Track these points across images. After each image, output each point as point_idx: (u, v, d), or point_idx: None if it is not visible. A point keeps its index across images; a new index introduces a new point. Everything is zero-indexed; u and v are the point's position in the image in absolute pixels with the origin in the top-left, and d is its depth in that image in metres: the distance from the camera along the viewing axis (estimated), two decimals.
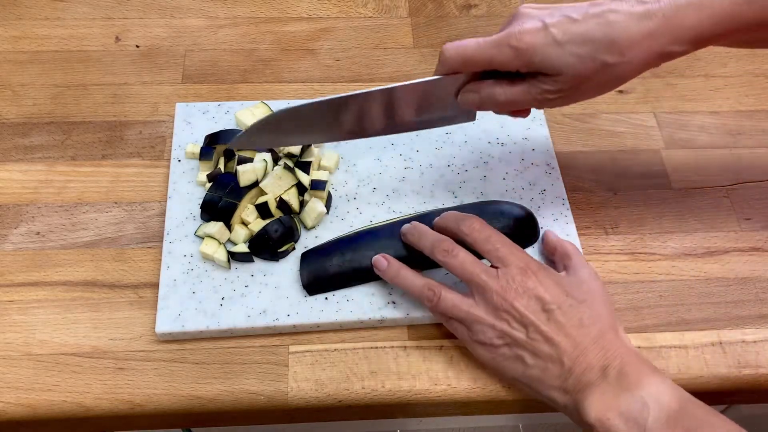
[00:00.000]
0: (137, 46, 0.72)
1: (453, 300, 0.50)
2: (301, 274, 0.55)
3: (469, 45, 0.49)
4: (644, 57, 0.46)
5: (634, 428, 0.43)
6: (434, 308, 0.51)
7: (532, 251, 0.57)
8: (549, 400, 0.48)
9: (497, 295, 0.48)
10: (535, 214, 0.59)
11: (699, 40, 0.46)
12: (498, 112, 0.53)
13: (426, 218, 0.56)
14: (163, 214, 0.59)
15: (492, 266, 0.50)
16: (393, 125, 0.53)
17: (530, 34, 0.47)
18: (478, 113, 0.55)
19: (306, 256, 0.55)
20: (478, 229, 0.51)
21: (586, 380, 0.45)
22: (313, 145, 0.60)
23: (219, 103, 0.66)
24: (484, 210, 0.57)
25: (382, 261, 0.53)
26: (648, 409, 0.43)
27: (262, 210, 0.56)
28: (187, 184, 0.60)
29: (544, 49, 0.46)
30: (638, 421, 0.43)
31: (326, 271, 0.54)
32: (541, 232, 0.58)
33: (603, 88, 0.49)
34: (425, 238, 0.52)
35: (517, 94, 0.49)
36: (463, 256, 0.50)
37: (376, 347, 0.54)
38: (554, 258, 0.55)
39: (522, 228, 0.57)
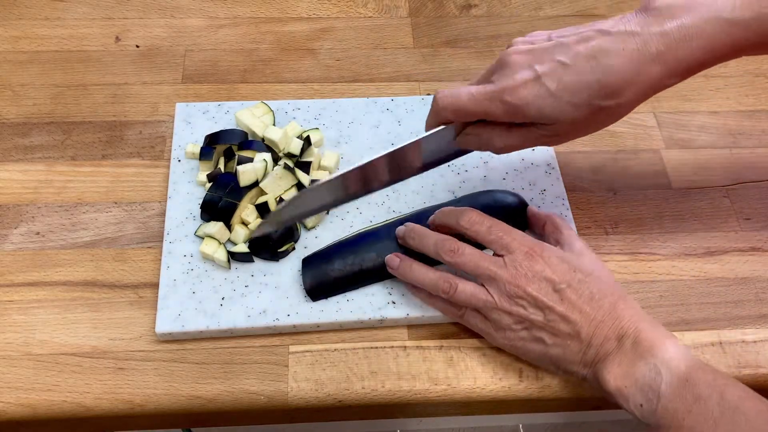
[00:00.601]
0: (137, 46, 0.72)
1: (470, 290, 0.50)
2: (303, 281, 0.55)
3: (462, 97, 0.48)
4: (639, 95, 0.46)
5: (649, 394, 0.44)
6: (451, 299, 0.51)
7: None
8: (570, 374, 0.50)
9: (509, 283, 0.49)
10: None
11: (693, 70, 0.47)
12: (497, 153, 0.53)
13: (423, 216, 0.56)
14: (163, 214, 0.59)
15: (496, 254, 0.51)
16: (399, 178, 0.54)
17: (523, 88, 0.46)
18: None
19: (307, 262, 0.55)
20: (477, 221, 0.52)
21: (604, 351, 0.47)
22: (313, 145, 0.60)
23: (219, 103, 0.66)
24: (477, 200, 0.57)
25: (395, 259, 0.54)
26: (660, 375, 0.44)
27: (262, 210, 0.56)
28: (187, 184, 0.60)
29: (538, 101, 0.46)
30: (652, 387, 0.44)
31: (329, 276, 0.54)
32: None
33: (600, 126, 0.49)
34: (427, 239, 0.52)
35: (515, 139, 0.50)
36: (469, 253, 0.51)
37: (376, 347, 0.54)
38: (544, 232, 0.56)
39: (515, 215, 0.57)
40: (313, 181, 0.58)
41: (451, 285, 0.51)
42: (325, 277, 0.54)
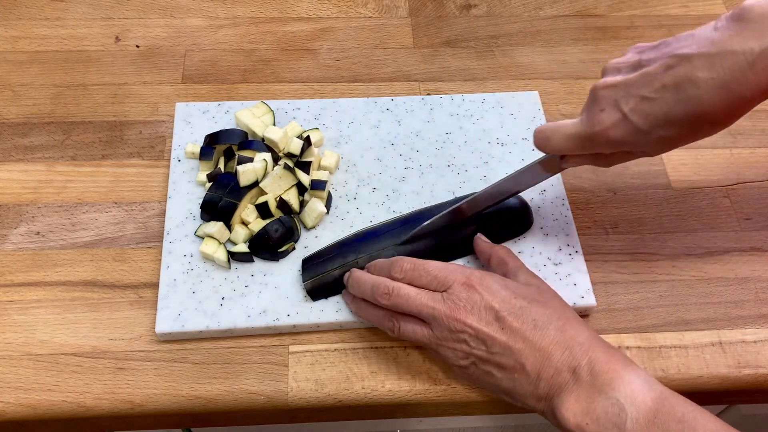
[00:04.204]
0: (137, 46, 0.72)
1: (411, 328, 0.49)
2: (303, 281, 0.54)
3: (556, 140, 0.49)
4: (735, 117, 0.44)
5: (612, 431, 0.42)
6: (399, 337, 0.50)
7: (528, 239, 0.57)
8: (528, 407, 0.47)
9: (447, 317, 0.47)
10: (535, 214, 0.59)
11: None
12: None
13: (423, 216, 0.56)
14: (163, 214, 0.59)
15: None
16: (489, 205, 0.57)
17: (613, 130, 0.46)
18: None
19: (307, 262, 0.55)
20: (409, 269, 0.50)
21: (557, 384, 0.44)
22: (313, 145, 0.60)
23: (219, 103, 0.66)
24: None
25: (348, 301, 0.53)
26: (625, 411, 0.42)
27: (262, 210, 0.56)
28: (187, 184, 0.60)
29: (629, 138, 0.46)
30: (617, 425, 0.42)
31: (329, 276, 0.54)
32: (534, 219, 0.58)
33: (697, 139, 0.47)
34: (364, 285, 0.51)
35: (617, 160, 0.50)
36: (404, 293, 0.49)
37: (376, 347, 0.54)
38: (490, 265, 0.54)
39: (515, 217, 0.57)
40: (312, 180, 0.58)
41: (394, 324, 0.50)
42: (326, 277, 0.54)
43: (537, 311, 0.47)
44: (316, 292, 0.54)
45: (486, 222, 0.56)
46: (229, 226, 0.56)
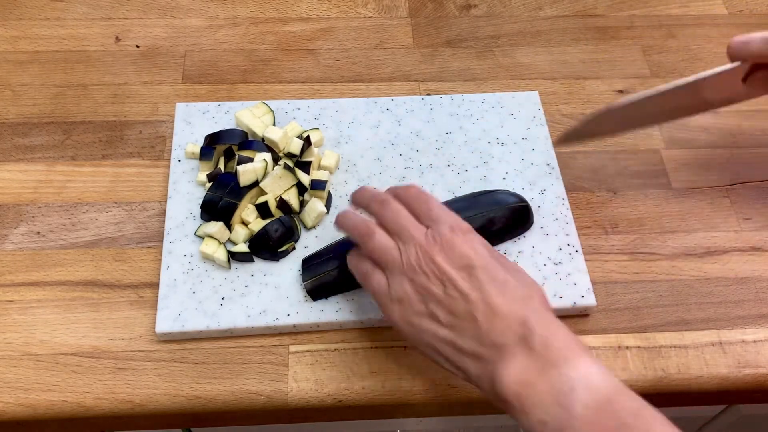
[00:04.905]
0: (137, 46, 0.72)
1: (385, 242, 0.47)
2: (303, 281, 0.54)
3: (756, 41, 0.51)
4: None
5: (558, 411, 0.37)
6: (366, 246, 0.48)
7: (528, 239, 0.57)
8: (463, 371, 0.43)
9: (421, 248, 0.45)
10: (535, 214, 0.59)
11: None
12: None
13: None
14: (163, 214, 0.59)
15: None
16: (684, 113, 0.58)
17: None
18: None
19: (307, 262, 0.55)
20: (414, 193, 0.49)
21: (504, 346, 0.40)
22: (313, 145, 0.60)
23: (219, 103, 0.66)
24: (477, 200, 0.57)
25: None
26: (576, 392, 0.37)
27: (262, 210, 0.56)
28: (187, 184, 0.60)
29: None
30: (564, 405, 0.37)
31: (329, 276, 0.54)
32: (535, 222, 0.58)
33: None
34: (366, 193, 0.50)
35: None
36: (396, 207, 0.48)
37: (376, 347, 0.54)
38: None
39: (516, 216, 0.57)
40: (312, 180, 0.58)
41: (369, 229, 0.47)
42: (326, 276, 0.54)
43: (510, 279, 0.44)
44: (317, 292, 0.54)
45: (486, 222, 0.56)
46: (229, 226, 0.56)
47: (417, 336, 0.45)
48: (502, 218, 0.57)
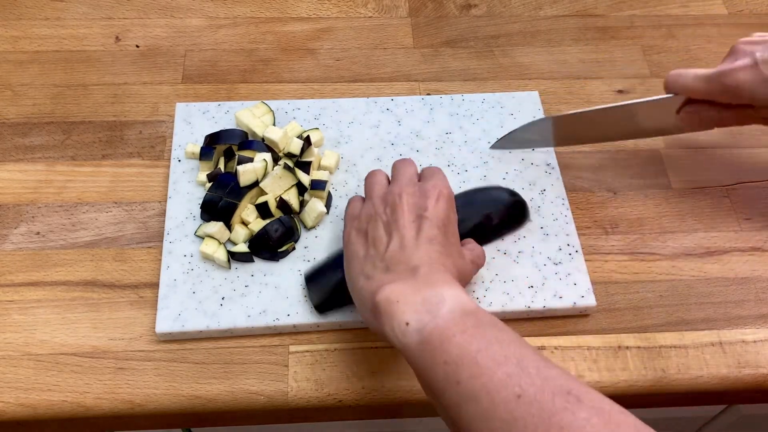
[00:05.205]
0: (137, 46, 0.72)
1: (356, 202, 0.52)
2: (310, 297, 0.54)
3: (688, 76, 0.54)
4: None
5: (424, 314, 0.41)
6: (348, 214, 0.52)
7: (528, 239, 0.57)
8: (351, 281, 0.47)
9: (399, 187, 0.49)
10: (535, 214, 0.59)
11: None
12: (711, 128, 0.58)
13: None
14: (163, 214, 0.59)
15: None
16: (612, 136, 0.62)
17: (740, 72, 0.51)
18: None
19: (312, 277, 0.54)
20: (397, 163, 0.53)
21: (393, 269, 0.44)
22: (313, 145, 0.60)
23: (219, 103, 0.66)
24: (473, 197, 0.58)
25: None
26: (444, 301, 0.41)
27: (262, 210, 0.56)
28: (187, 184, 0.60)
29: (752, 86, 0.50)
30: (430, 309, 0.41)
31: (337, 287, 0.53)
32: (529, 222, 0.59)
33: None
34: (374, 176, 0.53)
35: (729, 118, 0.54)
36: (374, 175, 0.53)
37: (376, 347, 0.54)
38: None
39: (511, 211, 0.58)
40: (312, 180, 0.58)
41: (350, 201, 0.53)
42: (334, 289, 0.53)
43: (443, 244, 0.47)
44: (325, 305, 0.53)
45: (483, 219, 0.57)
46: (229, 226, 0.56)
47: (345, 247, 0.49)
48: (498, 214, 0.57)
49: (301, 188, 0.58)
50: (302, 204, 0.58)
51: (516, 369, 0.37)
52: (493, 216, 0.57)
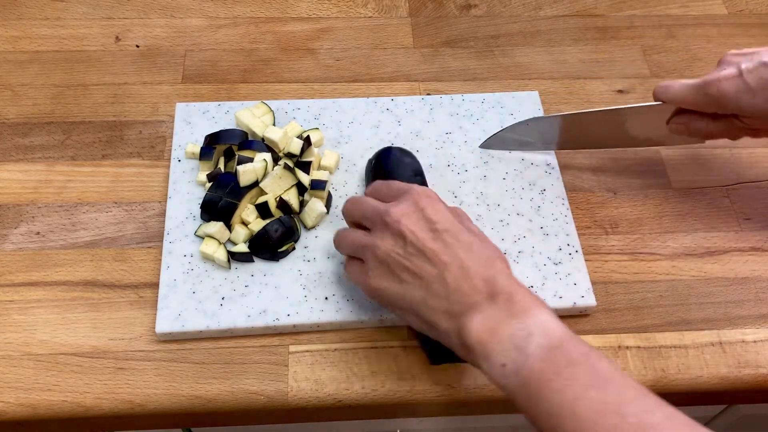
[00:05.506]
0: (137, 46, 0.72)
1: (353, 235, 0.50)
2: (423, 350, 0.52)
3: (675, 86, 0.55)
4: None
5: (516, 353, 0.41)
6: (340, 249, 0.52)
7: (528, 239, 0.57)
8: (433, 327, 0.45)
9: (390, 217, 0.47)
10: (535, 214, 0.59)
11: None
12: (702, 141, 0.59)
13: None
14: (163, 214, 0.59)
15: None
16: (605, 143, 0.62)
17: (725, 82, 0.51)
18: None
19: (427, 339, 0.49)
20: (377, 184, 0.52)
21: (472, 303, 0.43)
22: (313, 145, 0.60)
23: (219, 103, 0.66)
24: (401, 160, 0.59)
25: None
26: (533, 336, 0.41)
27: (262, 210, 0.56)
28: (187, 184, 0.60)
29: (736, 95, 0.51)
30: (521, 347, 0.41)
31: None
32: (534, 230, 0.58)
33: None
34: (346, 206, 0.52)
35: (718, 129, 0.55)
36: (363, 200, 0.50)
37: (376, 347, 0.54)
38: None
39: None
40: (312, 180, 0.58)
41: (339, 236, 0.52)
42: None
43: (474, 241, 0.46)
44: (439, 359, 0.51)
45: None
46: (229, 226, 0.56)
47: (389, 299, 0.47)
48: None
49: (301, 188, 0.58)
50: (302, 204, 0.58)
51: (617, 419, 0.38)
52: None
